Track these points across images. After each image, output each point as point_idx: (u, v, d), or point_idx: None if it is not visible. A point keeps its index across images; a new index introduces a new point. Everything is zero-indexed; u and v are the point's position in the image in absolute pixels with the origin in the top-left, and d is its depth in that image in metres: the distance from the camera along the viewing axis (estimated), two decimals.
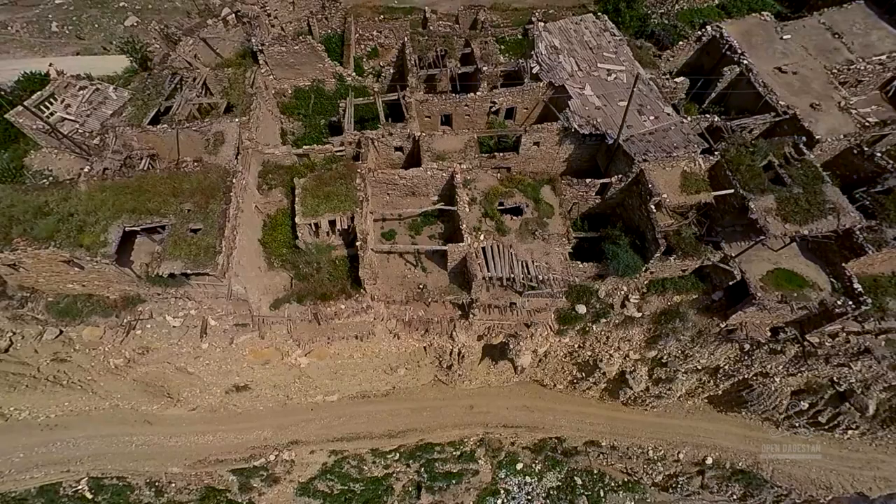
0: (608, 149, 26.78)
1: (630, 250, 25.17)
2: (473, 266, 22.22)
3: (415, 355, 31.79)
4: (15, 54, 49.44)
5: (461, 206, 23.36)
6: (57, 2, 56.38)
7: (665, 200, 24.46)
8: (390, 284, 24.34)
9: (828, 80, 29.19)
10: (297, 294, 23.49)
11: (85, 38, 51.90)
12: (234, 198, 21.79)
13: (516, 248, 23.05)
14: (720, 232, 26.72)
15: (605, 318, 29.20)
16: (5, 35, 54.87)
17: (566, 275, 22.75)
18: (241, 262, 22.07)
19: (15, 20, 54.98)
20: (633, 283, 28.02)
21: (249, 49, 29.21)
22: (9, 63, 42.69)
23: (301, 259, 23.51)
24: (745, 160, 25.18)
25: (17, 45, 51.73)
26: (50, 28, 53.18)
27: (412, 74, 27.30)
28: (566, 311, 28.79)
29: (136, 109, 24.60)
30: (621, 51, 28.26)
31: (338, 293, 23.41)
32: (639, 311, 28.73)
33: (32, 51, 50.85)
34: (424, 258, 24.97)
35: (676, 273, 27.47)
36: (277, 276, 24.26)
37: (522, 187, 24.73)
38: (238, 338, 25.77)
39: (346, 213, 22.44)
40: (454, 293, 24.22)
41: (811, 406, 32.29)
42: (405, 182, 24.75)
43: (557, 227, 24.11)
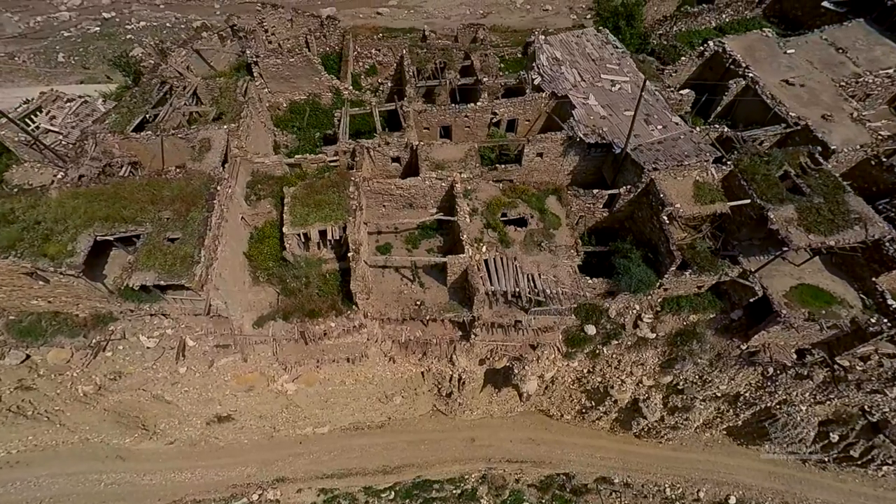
0: (615, 159, 25.30)
1: (643, 264, 23.26)
2: (475, 279, 20.22)
3: (412, 382, 29.25)
4: (19, 83, 49.17)
5: (461, 217, 21.61)
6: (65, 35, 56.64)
7: (678, 210, 22.75)
8: (385, 301, 22.24)
9: (837, 93, 28.16)
10: (283, 311, 21.35)
11: (90, 67, 51.75)
12: (217, 206, 20.00)
13: (521, 261, 21.15)
14: (736, 246, 24.92)
15: (617, 340, 26.91)
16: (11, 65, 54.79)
17: (576, 289, 20.74)
18: (223, 274, 20.05)
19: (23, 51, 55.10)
20: (647, 301, 25.90)
21: (244, 62, 28.21)
22: (13, 91, 42.25)
23: (289, 273, 21.52)
24: (759, 170, 23.71)
25: (23, 75, 51.52)
26: (56, 58, 53.16)
27: (410, 85, 26.18)
28: (574, 332, 26.53)
29: (121, 117, 23.20)
30: (624, 62, 27.31)
31: (327, 310, 21.27)
32: (652, 331, 26.47)
33: (37, 79, 50.69)
34: (422, 273, 22.99)
35: (692, 290, 25.41)
36: (263, 291, 22.19)
37: (526, 198, 23.07)
38: (219, 360, 23.41)
39: (337, 222, 20.63)
40: (454, 310, 22.09)
41: (841, 438, 29.45)
42: (402, 192, 23.08)
43: (565, 239, 22.30)
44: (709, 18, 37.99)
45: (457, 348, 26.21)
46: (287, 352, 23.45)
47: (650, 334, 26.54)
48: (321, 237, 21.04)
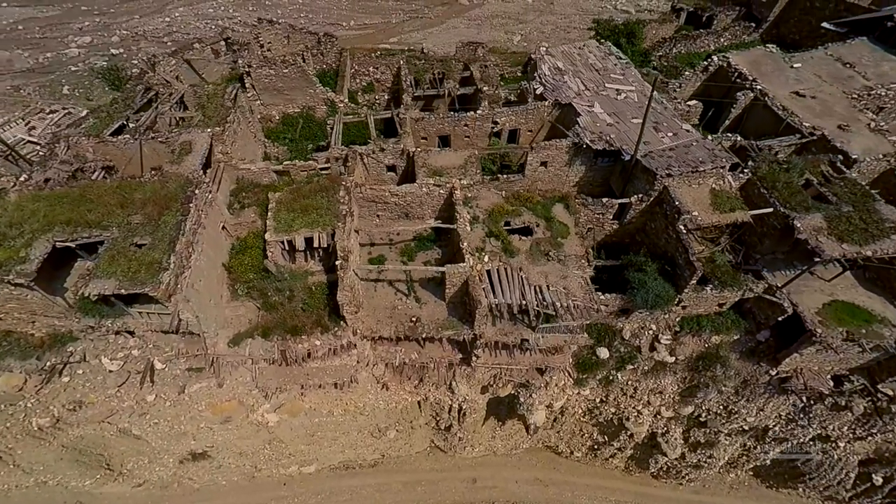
0: (623, 168, 23.55)
1: (659, 278, 20.99)
2: (476, 291, 17.92)
3: (407, 413, 26.27)
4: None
5: (461, 225, 19.56)
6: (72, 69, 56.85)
7: (696, 219, 20.72)
8: (376, 317, 19.81)
9: (850, 104, 26.83)
10: (262, 327, 18.88)
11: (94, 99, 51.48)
12: (194, 210, 18.01)
13: (527, 272, 18.93)
14: (759, 260, 22.71)
15: (632, 365, 24.23)
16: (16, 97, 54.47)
17: (588, 301, 18.39)
18: (196, 286, 17.76)
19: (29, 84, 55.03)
20: (664, 321, 23.43)
21: (237, 74, 27.02)
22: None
23: (270, 285, 19.23)
24: (780, 178, 21.87)
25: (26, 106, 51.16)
26: (61, 91, 53.05)
27: (407, 94, 24.85)
28: (585, 355, 23.91)
29: (99, 121, 21.63)
30: (629, 73, 26.12)
31: (312, 326, 18.83)
32: (671, 354, 23.84)
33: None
34: (418, 286, 20.69)
35: (712, 308, 23.00)
36: (242, 307, 19.79)
37: (531, 206, 21.12)
38: (191, 386, 20.69)
39: (325, 228, 18.55)
40: (453, 327, 19.63)
41: (886, 481, 26.10)
42: (397, 200, 21.15)
43: (574, 249, 20.16)
44: (707, 41, 37.57)
45: (456, 373, 23.51)
46: (267, 375, 20.78)
47: (668, 358, 23.90)
48: (307, 246, 18.86)
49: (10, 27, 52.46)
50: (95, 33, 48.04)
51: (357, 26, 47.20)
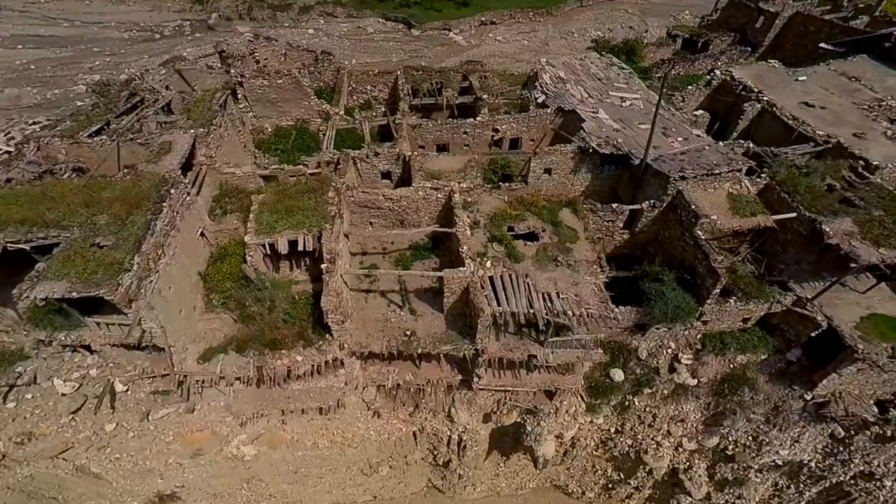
0: (632, 176, 21.98)
1: (678, 288, 18.91)
2: (478, 299, 15.80)
3: (401, 446, 23.36)
4: None
5: (461, 228, 17.70)
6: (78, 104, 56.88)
7: (715, 223, 18.89)
8: (367, 330, 17.55)
9: (863, 114, 25.66)
10: (237, 341, 16.59)
11: None
12: (167, 210, 16.20)
13: (534, 278, 16.88)
14: (783, 271, 20.71)
15: (650, 388, 21.70)
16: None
17: (603, 310, 16.21)
18: (165, 293, 15.65)
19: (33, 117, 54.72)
20: (683, 338, 21.11)
21: (231, 86, 25.96)
22: None
23: (249, 294, 17.09)
24: (801, 182, 20.27)
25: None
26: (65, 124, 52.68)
27: (404, 101, 23.66)
28: (598, 378, 21.42)
29: (77, 124, 20.19)
30: (632, 82, 25.12)
31: (293, 339, 16.54)
32: (693, 376, 21.35)
33: None
34: (414, 297, 18.55)
35: (736, 324, 20.77)
36: (218, 320, 17.56)
37: (536, 210, 19.35)
38: (156, 412, 18.12)
39: (311, 230, 16.66)
40: (452, 342, 17.34)
41: None
42: (392, 205, 19.39)
43: (585, 254, 18.21)
44: (705, 64, 37.14)
45: (456, 398, 20.94)
46: (243, 399, 18.26)
47: (690, 380, 21.39)
48: (291, 250, 16.88)
49: (24, 67, 52.75)
50: (104, 71, 48.10)
51: (359, 64, 47.34)
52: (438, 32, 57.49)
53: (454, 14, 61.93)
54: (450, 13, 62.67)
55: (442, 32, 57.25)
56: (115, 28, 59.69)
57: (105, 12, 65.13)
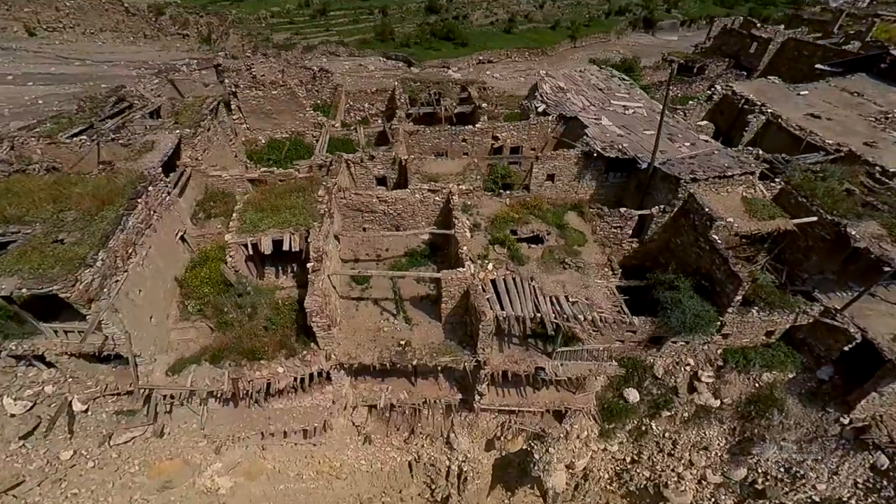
0: (639, 183, 20.85)
1: (696, 296, 17.28)
2: (479, 301, 14.18)
3: (396, 478, 20.93)
4: None
5: (460, 229, 16.32)
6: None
7: (732, 226, 17.53)
8: (357, 340, 15.76)
9: (871, 125, 24.92)
10: (211, 350, 14.79)
11: None
12: (143, 207, 14.88)
13: (541, 281, 15.33)
14: (806, 280, 19.17)
15: (668, 411, 19.63)
16: None
17: (618, 315, 14.53)
18: (134, 296, 14.03)
19: None
20: (703, 353, 19.28)
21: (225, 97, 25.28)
22: None
23: (229, 299, 15.44)
24: (818, 185, 19.10)
25: None
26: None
27: (401, 110, 22.88)
28: (611, 400, 19.41)
29: (57, 126, 19.19)
30: (634, 92, 24.50)
31: (275, 349, 14.74)
32: (715, 396, 19.34)
33: None
34: (409, 305, 16.87)
35: (759, 337, 19.02)
36: (193, 329, 15.79)
37: (540, 213, 18.03)
38: (119, 435, 16.04)
39: (298, 229, 15.25)
40: (451, 353, 15.52)
41: None
42: (386, 208, 18.08)
43: (594, 257, 16.72)
44: (702, 86, 37.08)
45: (455, 422, 18.84)
46: (218, 419, 16.22)
47: (712, 401, 19.36)
48: (275, 250, 15.40)
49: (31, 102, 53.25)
50: None
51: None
52: (437, 70, 58.45)
53: (453, 53, 63.34)
54: (448, 52, 64.15)
55: (441, 70, 58.28)
56: (124, 66, 60.66)
57: (115, 51, 66.51)
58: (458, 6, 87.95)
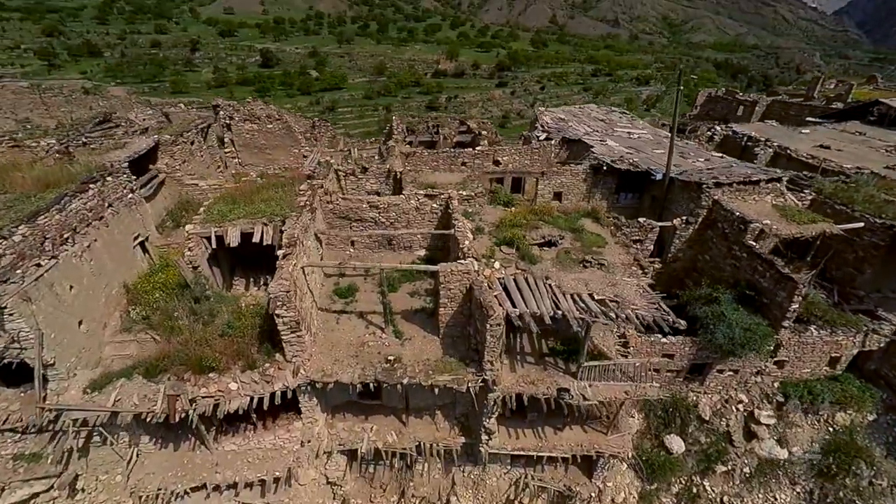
0: (654, 200, 19.08)
1: (741, 308, 14.43)
2: (486, 297, 11.40)
3: None
4: None
5: (461, 229, 14.05)
6: None
7: (772, 229, 15.28)
8: (335, 355, 12.56)
9: (884, 155, 23.87)
10: (150, 361, 11.58)
11: None
12: (94, 193, 12.86)
13: (559, 279, 12.61)
14: (863, 298, 16.42)
15: (724, 465, 15.56)
16: None
17: (656, 311, 11.56)
18: (61, 290, 11.30)
19: None
20: (756, 387, 15.76)
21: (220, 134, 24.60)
22: None
23: (182, 303, 12.57)
24: (854, 193, 17.27)
25: None
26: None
27: (397, 137, 21.89)
28: (649, 450, 15.49)
29: (29, 137, 17.83)
30: (636, 123, 23.78)
31: (230, 359, 11.56)
32: (781, 444, 15.42)
33: None
34: (401, 319, 13.89)
35: (821, 367, 15.71)
36: (134, 343, 12.65)
37: (551, 220, 15.84)
38: (12, 493, 12.09)
39: (272, 220, 12.98)
40: (451, 370, 12.24)
41: None
42: (378, 215, 15.94)
43: (618, 258, 14.13)
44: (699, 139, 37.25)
45: (457, 479, 14.72)
46: (150, 465, 12.38)
47: (778, 450, 15.42)
48: (246, 262, 12.95)
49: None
50: None
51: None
52: None
53: None
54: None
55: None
56: None
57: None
58: (457, 105, 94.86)
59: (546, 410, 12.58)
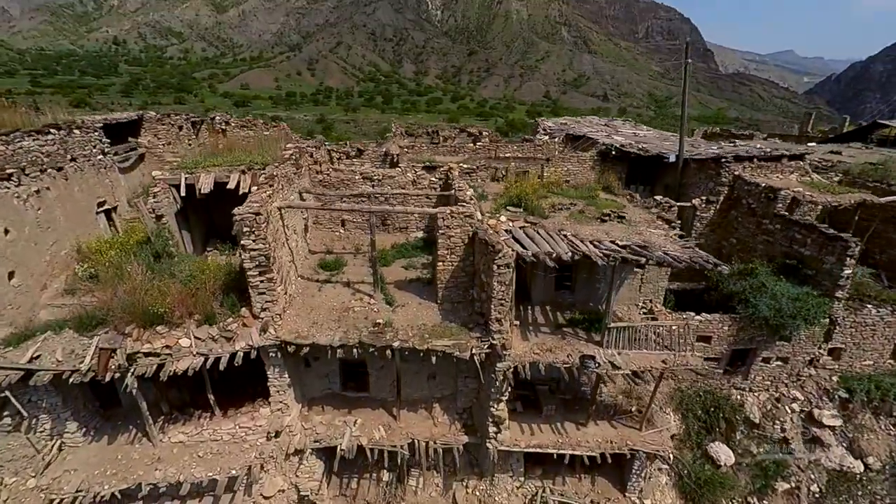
0: (667, 189, 17.76)
1: (783, 280, 12.49)
2: (492, 237, 9.61)
3: None
4: None
5: (461, 189, 12.56)
6: None
7: (804, 196, 13.76)
8: (314, 318, 10.43)
9: None
10: (86, 313, 9.48)
11: None
12: (56, 140, 11.63)
13: (574, 231, 10.80)
14: None
15: (785, 480, 12.67)
16: None
17: (690, 253, 9.63)
18: None
19: None
20: (812, 382, 13.27)
21: None
22: None
23: (141, 260, 10.67)
24: (883, 172, 16.01)
25: None
26: None
27: (395, 136, 21.12)
28: (692, 464, 12.69)
29: None
30: (640, 126, 23.16)
31: (185, 312, 9.47)
32: (854, 453, 12.65)
33: None
34: (394, 289, 11.88)
35: (885, 358, 13.37)
36: (77, 307, 10.58)
37: (561, 191, 14.32)
38: None
39: (251, 167, 11.53)
40: (451, 335, 10.08)
41: None
42: (371, 188, 14.50)
43: (640, 217, 12.37)
44: None
45: (458, 495, 11.87)
46: (75, 461, 9.81)
47: (851, 462, 12.63)
48: (216, 190, 11.38)
49: None
50: None
51: None
52: None
53: None
54: None
55: None
56: None
57: None
58: None
59: (564, 402, 10.25)
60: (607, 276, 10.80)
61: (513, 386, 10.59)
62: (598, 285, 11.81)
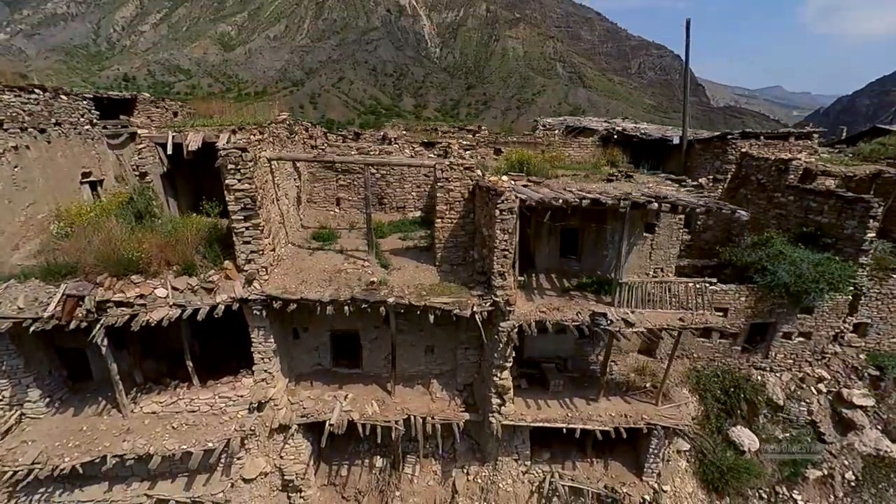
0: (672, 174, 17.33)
1: (801, 247, 11.82)
2: (494, 181, 9.03)
3: None
4: None
5: (460, 156, 12.10)
6: None
7: (816, 165, 13.29)
8: (304, 277, 9.67)
9: None
10: (54, 262, 8.76)
11: None
12: (41, 101, 11.24)
13: (581, 188, 10.19)
14: None
15: (817, 468, 11.56)
16: None
17: (708, 199, 9.00)
18: None
19: None
20: (838, 360, 12.35)
21: None
22: None
23: (123, 219, 10.03)
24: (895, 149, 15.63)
25: None
26: None
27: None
28: (713, 449, 11.62)
29: None
30: (640, 124, 23.01)
31: (164, 261, 8.76)
32: (891, 436, 11.59)
33: None
34: (390, 255, 11.17)
35: None
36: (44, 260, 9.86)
37: (563, 166, 13.83)
38: None
39: (244, 126, 11.06)
40: (450, 293, 9.32)
41: None
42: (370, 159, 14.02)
43: (647, 180, 11.77)
44: None
45: (457, 481, 10.80)
46: (36, 431, 8.86)
47: (888, 446, 11.56)
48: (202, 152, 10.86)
49: None
50: None
51: None
52: None
53: None
54: None
55: None
56: None
57: None
58: None
59: (572, 380, 9.43)
60: (617, 232, 10.14)
61: (516, 357, 9.74)
62: (606, 252, 11.11)
